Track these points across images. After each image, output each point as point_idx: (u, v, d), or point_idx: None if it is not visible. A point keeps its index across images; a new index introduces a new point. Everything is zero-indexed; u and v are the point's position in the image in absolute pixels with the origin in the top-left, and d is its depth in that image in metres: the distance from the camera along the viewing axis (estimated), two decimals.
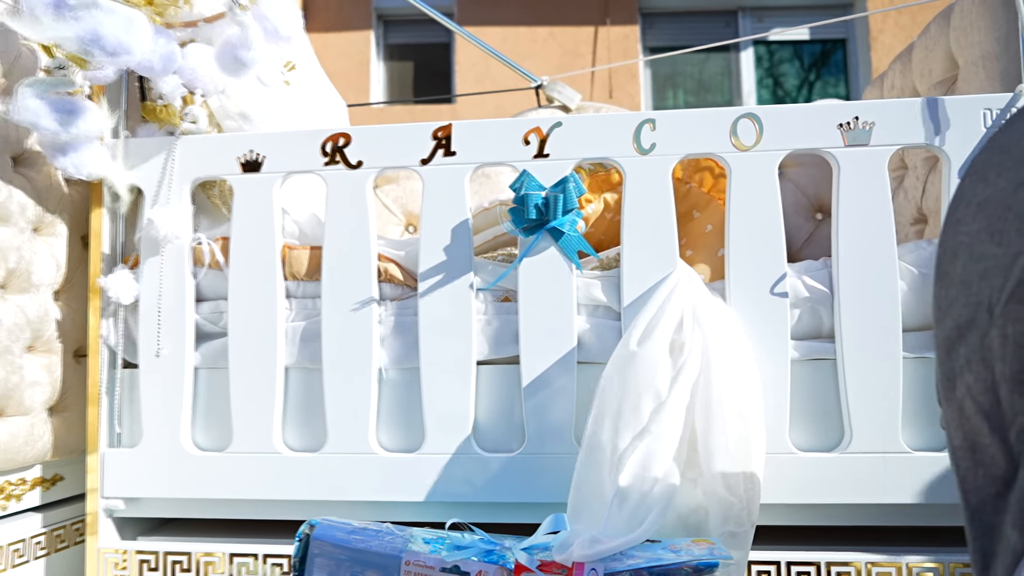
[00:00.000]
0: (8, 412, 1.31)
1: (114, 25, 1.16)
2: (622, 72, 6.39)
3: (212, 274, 1.41)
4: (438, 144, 1.34)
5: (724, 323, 1.22)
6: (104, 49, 1.16)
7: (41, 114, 1.20)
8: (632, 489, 1.14)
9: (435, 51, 6.57)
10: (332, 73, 6.55)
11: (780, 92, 6.67)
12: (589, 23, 6.42)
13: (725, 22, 6.69)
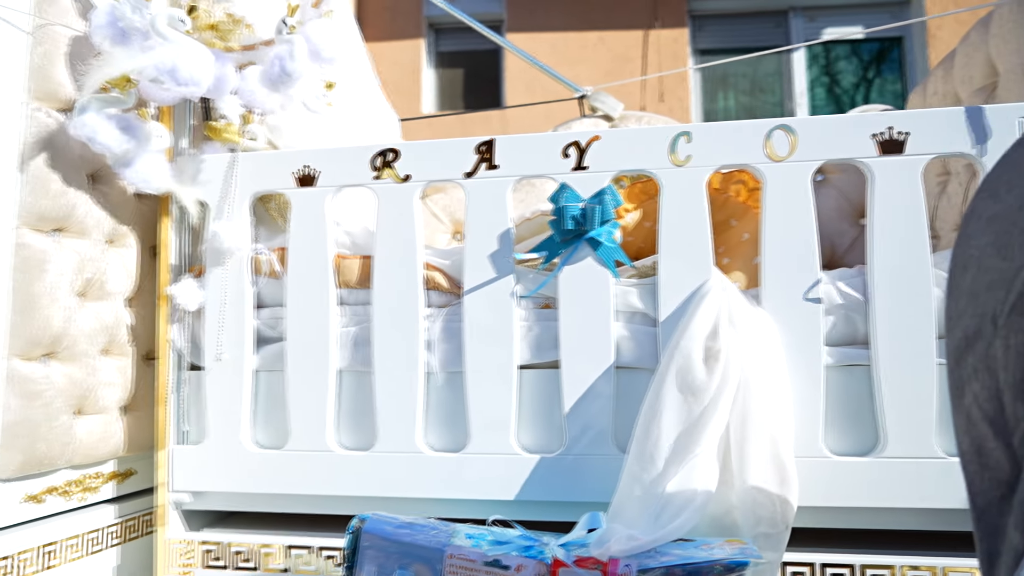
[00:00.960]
0: (86, 411, 1.41)
1: (186, 57, 1.26)
2: (672, 75, 6.38)
3: (270, 282, 1.50)
4: (481, 158, 1.40)
5: (758, 329, 1.25)
6: (176, 80, 1.26)
7: (98, 130, 1.30)
8: (674, 494, 1.18)
9: (485, 57, 6.66)
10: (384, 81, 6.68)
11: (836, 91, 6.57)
12: (638, 27, 6.43)
13: (776, 23, 6.63)
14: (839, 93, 6.60)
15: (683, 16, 6.46)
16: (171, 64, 1.24)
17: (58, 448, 1.34)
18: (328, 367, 1.44)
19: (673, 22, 6.43)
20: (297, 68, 1.36)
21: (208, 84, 1.33)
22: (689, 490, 1.18)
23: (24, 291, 1.28)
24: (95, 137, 1.29)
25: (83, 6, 1.41)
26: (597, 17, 6.39)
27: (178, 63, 1.25)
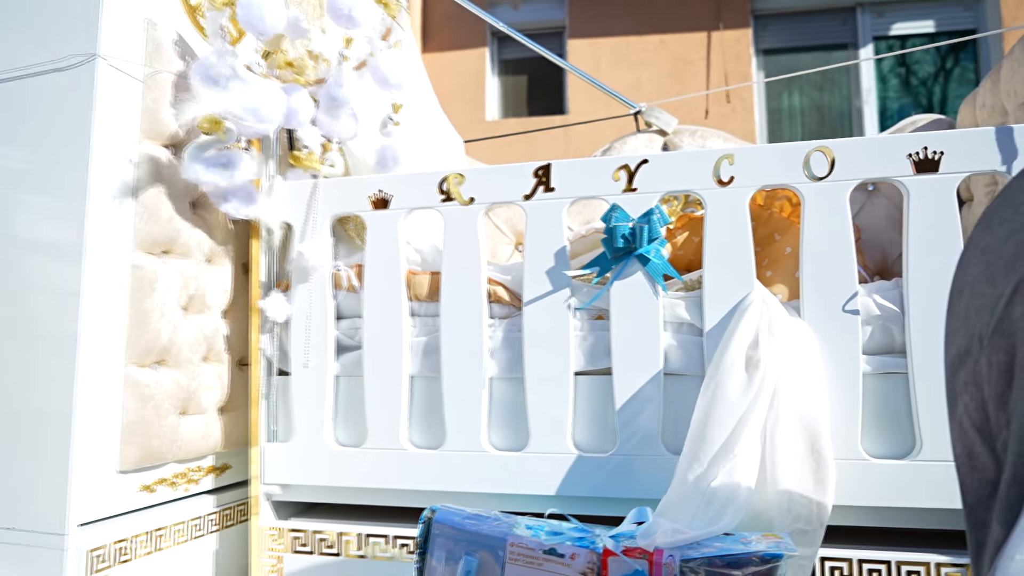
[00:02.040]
0: (190, 411, 1.59)
1: (261, 97, 1.42)
2: (736, 76, 6.38)
3: (349, 296, 1.66)
4: (539, 181, 1.53)
5: (796, 339, 1.34)
6: (256, 116, 1.42)
7: (200, 172, 1.47)
8: (718, 492, 1.28)
9: (547, 64, 6.77)
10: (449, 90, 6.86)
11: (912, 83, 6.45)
12: (700, 29, 6.45)
13: (842, 19, 6.55)
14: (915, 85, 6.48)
15: (746, 16, 6.45)
16: (246, 104, 1.41)
17: (167, 444, 1.52)
18: (401, 373, 1.58)
19: (736, 23, 6.43)
20: (344, 94, 1.51)
21: (280, 119, 1.48)
22: (731, 488, 1.28)
23: (138, 307, 1.47)
24: (200, 178, 1.47)
25: (185, 53, 1.59)
26: (658, 20, 6.44)
27: (252, 102, 1.41)
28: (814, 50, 6.58)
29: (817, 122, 6.52)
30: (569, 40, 6.56)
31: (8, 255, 1.43)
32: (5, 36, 1.47)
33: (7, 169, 1.45)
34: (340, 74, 1.58)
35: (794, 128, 6.55)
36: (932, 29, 6.39)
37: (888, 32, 6.46)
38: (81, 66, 1.41)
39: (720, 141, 2.23)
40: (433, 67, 6.76)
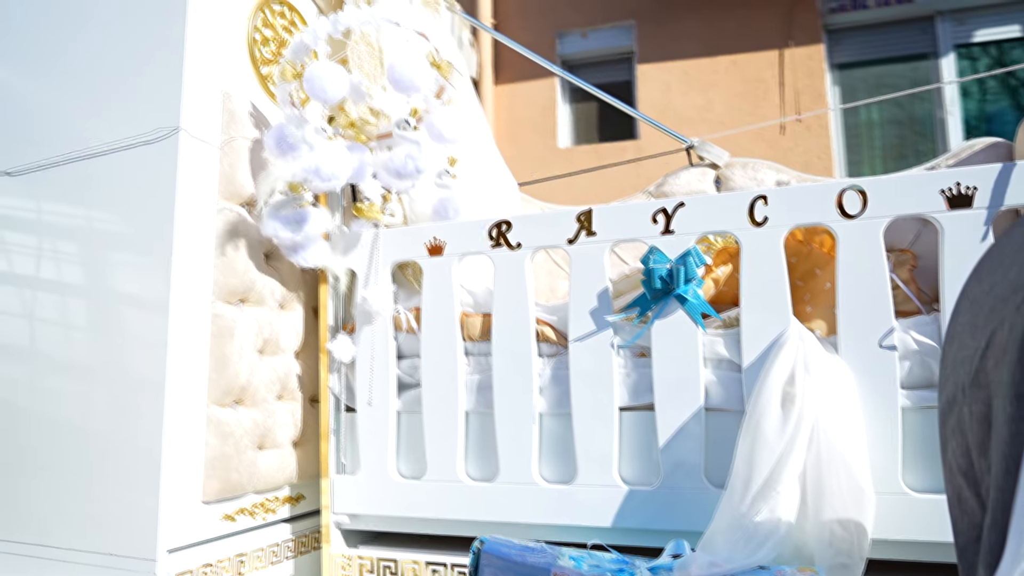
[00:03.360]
0: (266, 446, 1.73)
1: (326, 159, 1.56)
2: (809, 93, 6.30)
3: (408, 337, 1.77)
4: (581, 226, 1.61)
5: (832, 375, 1.37)
6: (320, 176, 1.56)
7: (278, 228, 1.62)
8: (760, 527, 1.33)
9: (617, 89, 6.84)
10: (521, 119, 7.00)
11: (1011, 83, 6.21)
12: (771, 47, 6.39)
13: (920, 29, 6.38)
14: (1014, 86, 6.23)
15: (818, 32, 6.36)
16: (315, 166, 1.55)
17: (246, 477, 1.66)
18: (457, 409, 1.68)
19: (807, 39, 6.35)
20: (426, 164, 1.63)
21: (347, 176, 1.62)
22: (773, 523, 1.32)
23: (218, 352, 1.62)
24: (277, 234, 1.63)
25: (257, 120, 1.75)
26: (727, 42, 6.42)
27: (320, 165, 1.55)
28: (891, 62, 6.42)
29: (897, 135, 6.35)
30: (638, 65, 6.61)
31: (106, 308, 1.61)
32: (102, 115, 1.67)
33: (105, 232, 1.63)
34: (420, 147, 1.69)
35: (873, 142, 6.40)
36: (1018, 33, 6.15)
37: (970, 39, 6.25)
38: (166, 138, 1.58)
39: (772, 173, 2.26)
40: (505, 98, 6.94)
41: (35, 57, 1.79)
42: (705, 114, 6.42)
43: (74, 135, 1.69)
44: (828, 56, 6.39)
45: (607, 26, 6.73)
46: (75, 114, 1.71)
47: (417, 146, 1.64)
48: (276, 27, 1.86)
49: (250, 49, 1.78)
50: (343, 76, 1.62)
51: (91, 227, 1.65)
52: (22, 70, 1.81)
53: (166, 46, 1.61)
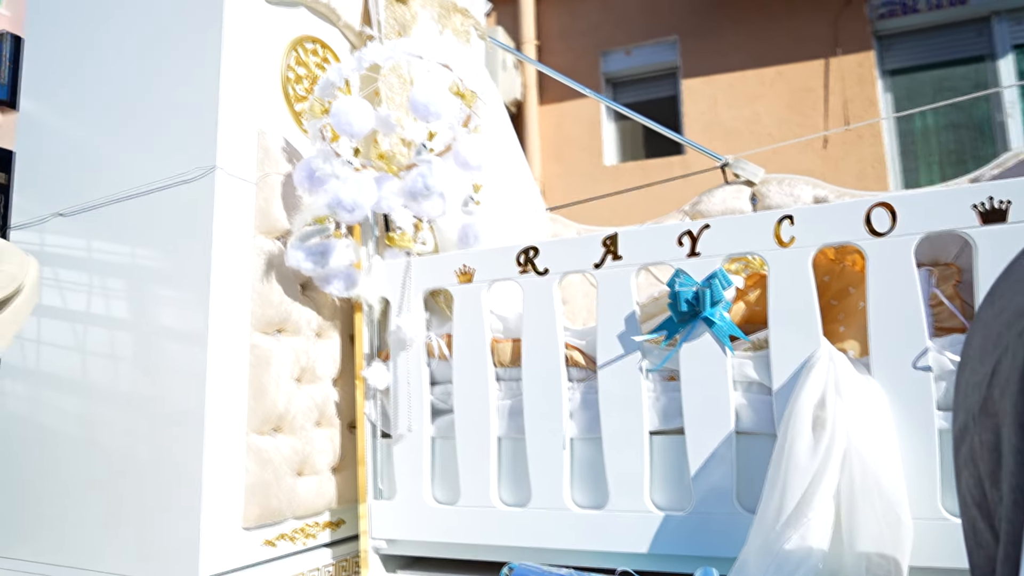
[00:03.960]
0: (305, 472, 1.77)
1: (347, 189, 1.60)
2: (860, 101, 6.17)
3: (441, 363, 1.80)
4: (607, 251, 1.61)
5: (864, 398, 1.34)
6: (343, 207, 1.60)
7: (300, 259, 1.67)
8: (791, 555, 1.30)
9: (663, 105, 6.82)
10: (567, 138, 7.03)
11: None
12: (818, 56, 6.29)
13: (976, 31, 6.19)
14: None
15: (867, 38, 6.24)
16: (336, 197, 1.59)
17: (285, 503, 1.70)
18: (489, 435, 1.69)
19: (856, 46, 6.23)
20: (435, 183, 1.66)
21: (369, 205, 1.66)
22: (804, 551, 1.29)
23: (256, 381, 1.67)
24: (300, 266, 1.67)
25: (291, 155, 1.81)
26: (773, 52, 6.35)
27: (341, 195, 1.59)
28: (946, 66, 6.25)
29: (955, 141, 6.17)
30: (683, 80, 6.58)
31: (149, 341, 1.68)
32: (144, 155, 1.74)
33: (146, 268, 1.70)
34: (431, 166, 1.73)
35: (930, 149, 6.23)
36: None
37: None
38: (203, 177, 1.64)
39: (809, 189, 2.22)
40: (551, 117, 6.98)
41: (83, 103, 1.89)
42: (752, 127, 6.34)
43: (119, 176, 1.77)
44: (879, 63, 6.25)
45: (650, 42, 6.72)
46: (120, 156, 1.79)
47: (428, 165, 1.67)
48: (309, 64, 1.92)
49: (284, 87, 1.84)
50: (368, 111, 1.66)
51: (135, 263, 1.72)
52: (72, 116, 1.90)
53: (202, 89, 1.68)
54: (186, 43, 1.74)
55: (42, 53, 2.00)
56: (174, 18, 1.77)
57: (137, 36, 1.83)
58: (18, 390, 1.87)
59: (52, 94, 1.96)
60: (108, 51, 1.87)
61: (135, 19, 1.84)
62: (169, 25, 1.78)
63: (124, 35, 1.85)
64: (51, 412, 1.81)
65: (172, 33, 1.77)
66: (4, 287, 1.23)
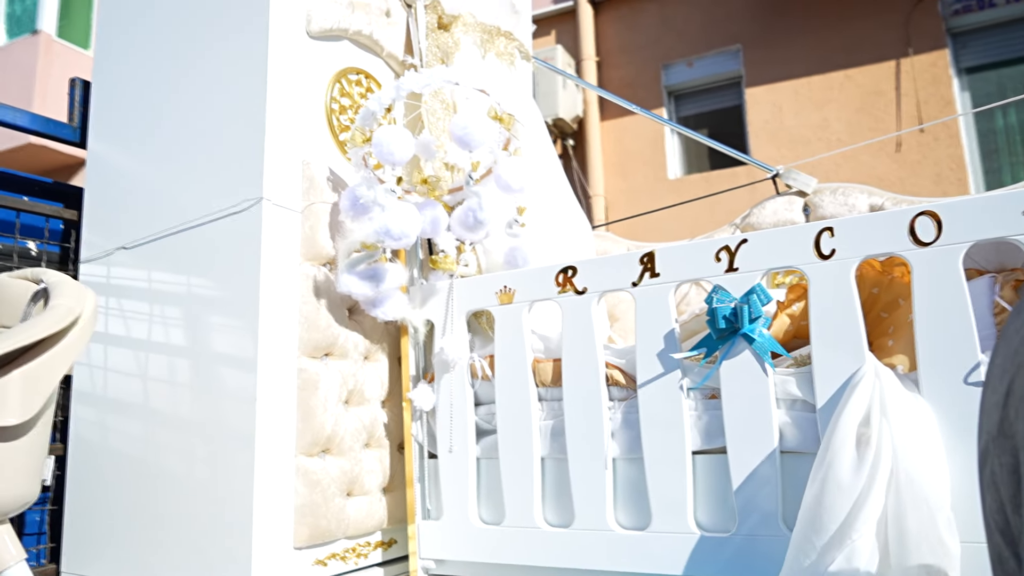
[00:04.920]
0: (355, 493, 1.81)
1: (395, 218, 1.63)
2: (935, 101, 5.94)
3: (485, 384, 1.81)
4: (644, 268, 1.60)
5: (911, 415, 1.29)
6: (391, 236, 1.64)
7: (353, 284, 1.71)
8: None
9: (727, 115, 6.72)
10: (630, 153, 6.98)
11: None
12: (889, 57, 6.09)
13: None
14: None
15: (940, 36, 6.01)
16: (385, 227, 1.63)
17: (335, 523, 1.73)
18: (532, 455, 1.69)
19: (929, 45, 6.01)
20: (487, 216, 1.68)
21: (416, 233, 1.69)
22: (849, 573, 1.25)
23: (305, 405, 1.71)
24: (352, 290, 1.72)
25: (336, 184, 1.86)
26: (841, 56, 6.18)
27: (389, 225, 1.63)
28: None
29: None
30: (747, 89, 6.47)
31: (204, 367, 1.75)
32: (197, 189, 1.83)
33: (201, 296, 1.78)
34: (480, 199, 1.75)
35: (1014, 149, 5.93)
36: None
37: None
38: (251, 208, 1.71)
39: (864, 197, 2.15)
40: (612, 132, 6.96)
41: (143, 141, 1.99)
42: (820, 133, 6.18)
43: (175, 209, 1.86)
44: (954, 61, 6.01)
45: (712, 53, 6.64)
46: (176, 190, 1.88)
47: (478, 198, 1.69)
48: (353, 95, 1.98)
49: (328, 118, 1.91)
50: (408, 139, 1.70)
51: (191, 293, 1.80)
52: (134, 153, 2.01)
53: (249, 123, 1.75)
54: (234, 83, 1.82)
55: (107, 96, 2.13)
56: (223, 59, 1.85)
57: (191, 76, 1.92)
58: (89, 415, 1.97)
59: (116, 134, 2.08)
60: (164, 91, 1.97)
61: (189, 60, 1.93)
62: (219, 66, 1.86)
63: (180, 76, 1.95)
64: (117, 436, 1.90)
65: (222, 73, 1.85)
66: (61, 319, 1.31)
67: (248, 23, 1.81)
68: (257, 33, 1.79)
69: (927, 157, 5.88)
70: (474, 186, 1.72)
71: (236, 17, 1.85)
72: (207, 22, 1.92)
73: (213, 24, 1.91)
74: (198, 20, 1.94)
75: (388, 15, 2.08)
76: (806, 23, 6.27)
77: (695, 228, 4.41)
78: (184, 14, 1.98)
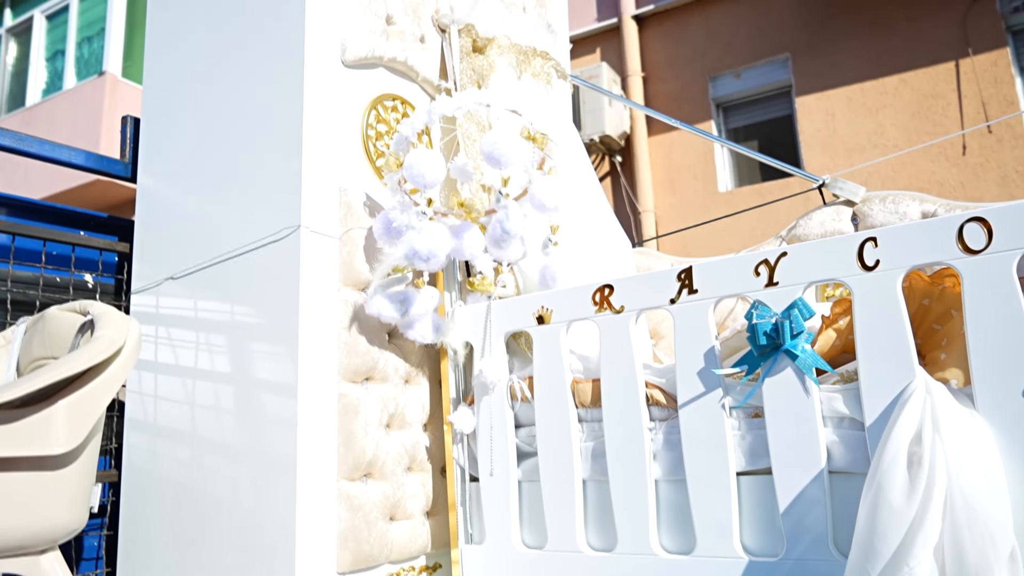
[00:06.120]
0: (397, 517, 1.81)
1: (422, 239, 1.64)
2: (997, 102, 5.73)
3: (524, 406, 1.79)
4: (682, 285, 1.57)
5: (966, 433, 1.22)
6: (419, 257, 1.64)
7: (382, 307, 1.72)
8: None
9: (777, 125, 6.60)
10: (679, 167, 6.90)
11: None
12: (946, 59, 5.91)
13: None
14: None
15: (1001, 35, 5.80)
16: (412, 248, 1.64)
17: (377, 548, 1.73)
18: (573, 477, 1.67)
19: (988, 44, 5.80)
20: (513, 227, 1.68)
21: (445, 254, 1.69)
22: None
23: (345, 429, 1.72)
24: (381, 313, 1.72)
25: (373, 209, 1.88)
26: (895, 60, 6.01)
27: (416, 246, 1.63)
28: None
29: None
30: (797, 98, 6.35)
31: (248, 393, 1.77)
32: (238, 218, 1.87)
33: (244, 324, 1.81)
34: (507, 211, 1.75)
35: None
36: None
37: None
38: (289, 236, 1.74)
39: (916, 204, 2.07)
40: (661, 147, 6.89)
41: (188, 174, 2.05)
42: (876, 140, 6.01)
43: (219, 239, 1.90)
44: (1016, 59, 5.79)
45: (760, 63, 6.53)
46: (219, 220, 1.93)
47: (504, 210, 1.69)
48: (389, 121, 2.00)
49: (364, 144, 1.93)
50: (439, 162, 1.70)
51: (234, 320, 1.83)
52: (180, 186, 2.07)
53: (287, 153, 1.78)
54: (272, 114, 1.85)
55: (155, 132, 2.20)
56: (261, 91, 1.90)
57: (230, 109, 1.97)
58: (141, 442, 2.02)
59: (163, 168, 2.14)
60: (206, 124, 2.03)
61: (228, 92, 1.99)
62: (257, 98, 1.91)
63: (220, 109, 2.00)
64: (167, 462, 1.94)
65: (260, 105, 1.90)
66: (104, 350, 1.35)
67: (284, 55, 1.85)
68: (293, 65, 1.82)
69: (990, 160, 5.66)
70: (509, 200, 1.71)
71: (273, 50, 1.89)
72: (245, 56, 1.97)
73: (250, 58, 1.95)
74: (236, 55, 2.00)
75: (422, 41, 2.10)
76: (856, 28, 6.13)
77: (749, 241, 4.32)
78: (223, 47, 2.04)
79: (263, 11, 1.95)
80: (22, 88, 8.80)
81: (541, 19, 2.52)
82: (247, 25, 1.99)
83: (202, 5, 2.15)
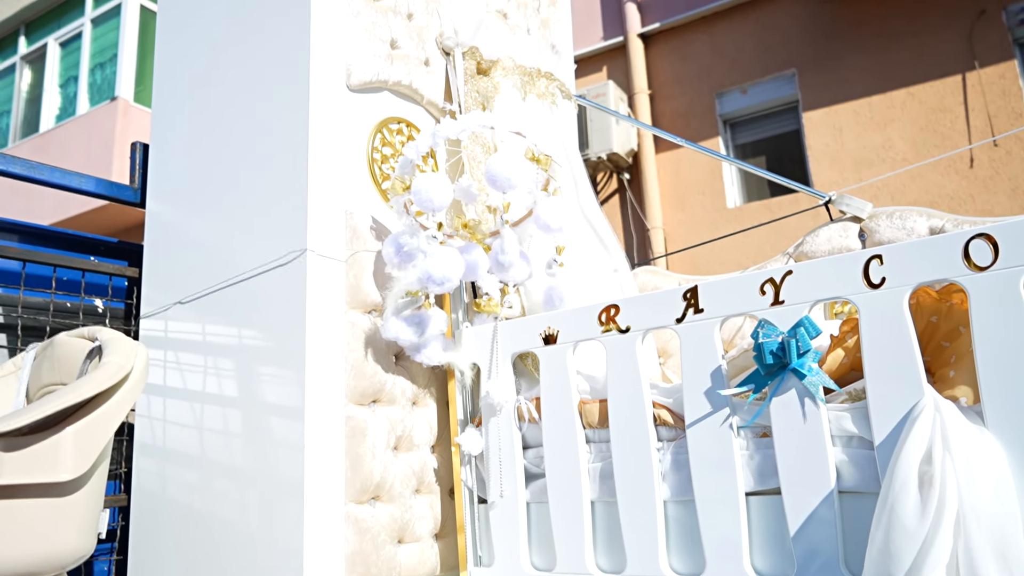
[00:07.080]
0: (405, 540, 1.80)
1: (436, 264, 1.64)
2: (1005, 115, 5.71)
3: (532, 427, 1.79)
4: (688, 304, 1.56)
5: (977, 452, 1.21)
6: (433, 281, 1.65)
7: (399, 330, 1.72)
8: None
9: (785, 140, 6.60)
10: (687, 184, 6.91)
11: None
12: (953, 72, 5.90)
13: None
14: None
15: (1008, 47, 5.80)
16: (427, 273, 1.64)
17: (386, 571, 1.72)
18: (582, 499, 1.66)
19: (995, 57, 5.80)
20: (509, 259, 1.69)
21: (458, 277, 1.69)
22: None
23: (353, 452, 1.72)
24: (398, 336, 1.74)
25: (379, 232, 1.89)
26: (902, 73, 6.01)
27: (431, 271, 1.64)
28: None
29: None
30: (804, 113, 6.35)
31: (255, 416, 1.78)
32: (246, 243, 1.88)
33: (251, 347, 1.81)
34: (503, 241, 1.76)
35: None
36: None
37: None
38: (296, 259, 1.75)
39: (923, 220, 2.06)
40: (669, 164, 6.90)
41: (196, 199, 2.07)
42: (884, 154, 6.00)
43: (226, 263, 1.91)
44: (1023, 71, 5.78)
45: (767, 79, 6.54)
46: (226, 245, 1.94)
47: (500, 241, 1.71)
48: (395, 144, 2.02)
49: (370, 168, 1.94)
50: (446, 185, 1.71)
51: (242, 344, 1.84)
52: (187, 211, 2.09)
53: (293, 178, 1.80)
54: (278, 139, 1.87)
55: (163, 158, 2.22)
56: (267, 117, 1.92)
57: (237, 134, 1.99)
58: (150, 466, 2.03)
59: (171, 193, 2.16)
60: (214, 149, 2.05)
61: (235, 119, 2.01)
62: (263, 123, 1.93)
63: (227, 134, 2.02)
64: (176, 486, 1.94)
65: (266, 130, 1.91)
66: (112, 377, 1.35)
67: (290, 80, 1.87)
68: (299, 90, 1.84)
69: (1000, 172, 5.64)
70: (507, 227, 1.72)
71: (278, 75, 1.91)
72: (251, 82, 1.99)
73: (256, 84, 1.98)
74: (243, 80, 2.02)
75: (427, 64, 2.12)
76: (862, 43, 6.14)
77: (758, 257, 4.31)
78: (230, 74, 2.06)
79: (269, 37, 1.97)
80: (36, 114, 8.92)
81: (545, 40, 2.54)
82: (253, 52, 2.01)
83: (209, 32, 2.17)
